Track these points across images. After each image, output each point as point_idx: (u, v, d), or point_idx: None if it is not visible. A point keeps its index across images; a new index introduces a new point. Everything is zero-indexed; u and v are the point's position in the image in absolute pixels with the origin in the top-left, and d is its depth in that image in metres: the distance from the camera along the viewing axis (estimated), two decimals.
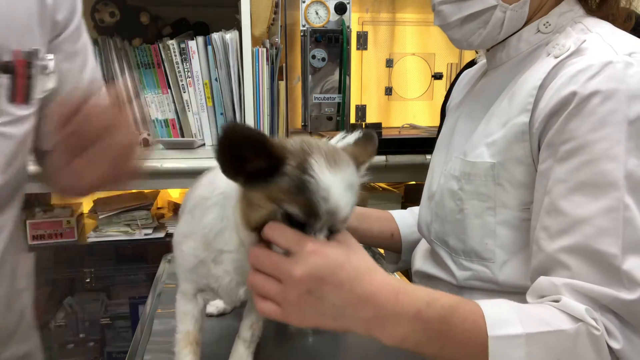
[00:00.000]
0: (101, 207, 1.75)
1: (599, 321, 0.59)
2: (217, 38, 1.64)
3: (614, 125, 0.61)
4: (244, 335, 0.76)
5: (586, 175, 0.62)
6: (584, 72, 0.64)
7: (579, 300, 0.60)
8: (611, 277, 0.60)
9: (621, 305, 0.59)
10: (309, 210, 0.55)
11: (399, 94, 2.04)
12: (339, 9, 1.58)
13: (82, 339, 1.87)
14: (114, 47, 1.67)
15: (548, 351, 0.59)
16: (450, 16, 0.77)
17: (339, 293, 0.56)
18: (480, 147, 0.75)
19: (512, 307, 0.61)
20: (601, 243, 0.60)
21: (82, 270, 1.82)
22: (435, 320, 0.58)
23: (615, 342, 0.58)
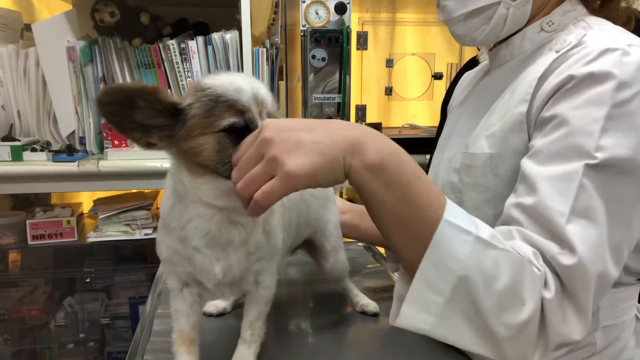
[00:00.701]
0: (101, 207, 1.75)
1: (543, 267, 0.60)
2: (217, 38, 1.64)
3: (598, 105, 0.62)
4: (244, 335, 0.76)
5: (559, 147, 0.64)
6: (582, 58, 0.65)
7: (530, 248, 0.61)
8: (555, 234, 0.61)
9: (558, 267, 0.60)
10: (237, 110, 0.58)
11: (399, 94, 2.04)
12: (339, 9, 1.58)
13: (82, 339, 1.87)
14: (114, 47, 1.67)
15: (489, 264, 0.58)
16: (455, 11, 0.78)
17: (313, 133, 0.56)
18: (480, 140, 0.76)
19: (471, 217, 0.61)
20: (553, 201, 0.61)
21: (82, 270, 1.82)
22: (409, 167, 0.58)
23: (547, 292, 0.59)
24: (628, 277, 0.74)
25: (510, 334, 0.58)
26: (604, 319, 0.74)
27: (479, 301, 0.57)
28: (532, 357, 0.61)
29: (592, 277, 0.59)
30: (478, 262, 0.57)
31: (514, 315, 0.58)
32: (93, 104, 1.67)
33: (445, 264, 0.57)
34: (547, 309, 0.59)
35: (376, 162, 0.57)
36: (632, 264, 0.72)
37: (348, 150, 0.56)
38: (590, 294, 0.60)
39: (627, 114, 0.61)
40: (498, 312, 0.58)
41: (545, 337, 0.60)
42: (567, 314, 0.60)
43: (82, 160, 1.58)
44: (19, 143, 1.59)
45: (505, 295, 0.58)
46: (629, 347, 0.77)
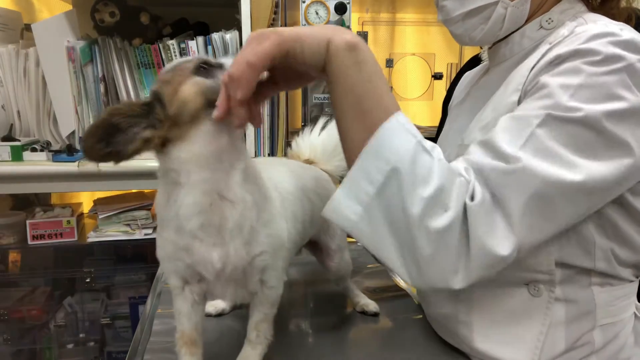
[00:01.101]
0: (101, 207, 1.75)
1: (472, 179, 0.63)
2: (217, 38, 1.64)
3: (574, 73, 0.63)
4: (250, 336, 0.76)
5: (529, 105, 0.65)
6: (572, 42, 0.66)
7: (465, 165, 0.65)
8: (498, 154, 0.63)
9: (492, 171, 0.62)
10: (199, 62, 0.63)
11: (399, 94, 2.04)
12: (339, 9, 1.58)
13: (82, 338, 1.87)
14: (114, 47, 1.67)
15: (426, 169, 0.61)
16: (454, 11, 0.79)
17: (289, 30, 0.62)
18: (474, 132, 0.77)
19: (418, 132, 0.65)
20: (506, 134, 0.64)
21: (82, 270, 1.81)
22: (374, 60, 0.65)
23: (472, 200, 0.61)
24: (624, 271, 0.74)
25: (429, 244, 0.60)
26: (602, 317, 0.74)
27: (405, 200, 0.60)
28: (453, 278, 0.62)
29: (530, 184, 0.60)
30: (413, 161, 0.61)
31: (435, 221, 0.60)
32: (93, 104, 1.67)
33: (383, 154, 0.61)
34: (471, 217, 0.60)
35: (353, 42, 0.63)
36: (622, 255, 0.72)
37: (330, 33, 0.63)
38: (522, 204, 0.61)
39: (604, 84, 0.62)
40: (420, 218, 0.60)
41: (468, 253, 0.61)
42: (494, 225, 0.61)
43: (82, 160, 1.57)
44: (19, 143, 1.59)
45: (430, 201, 0.60)
46: (628, 345, 0.77)
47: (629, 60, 0.62)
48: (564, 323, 0.73)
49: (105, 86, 1.69)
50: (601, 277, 0.73)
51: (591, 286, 0.73)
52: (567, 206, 0.63)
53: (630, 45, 0.63)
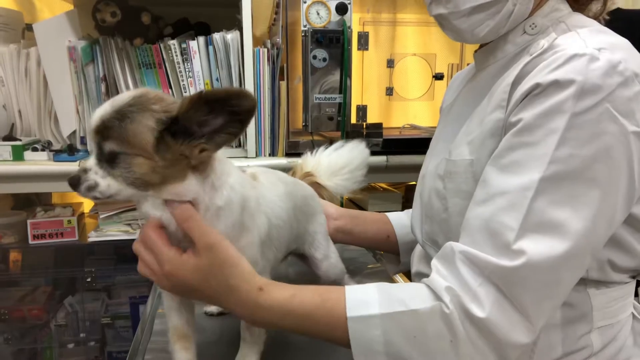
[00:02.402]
0: (102, 207, 1.75)
1: (462, 297, 0.62)
2: (218, 38, 1.64)
3: (558, 114, 0.62)
4: (244, 335, 0.76)
5: (518, 155, 0.64)
6: (550, 64, 0.65)
7: (469, 268, 0.63)
8: (501, 249, 0.62)
9: (501, 273, 0.62)
10: None
11: (400, 94, 2.04)
12: (340, 9, 1.58)
13: (83, 338, 1.87)
14: (115, 47, 1.67)
15: (403, 330, 0.64)
16: (464, 3, 0.74)
17: (207, 301, 0.74)
18: (462, 146, 0.76)
19: (377, 289, 0.68)
20: (504, 215, 0.63)
21: (82, 269, 1.81)
22: (290, 326, 0.69)
23: (480, 310, 0.61)
24: (620, 276, 0.74)
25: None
26: (599, 319, 0.73)
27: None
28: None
29: (538, 277, 0.61)
30: (393, 333, 0.64)
31: (450, 355, 0.63)
32: (94, 104, 1.67)
33: (370, 350, 0.65)
34: (489, 324, 0.61)
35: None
36: (619, 262, 0.72)
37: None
38: (534, 297, 0.62)
39: (588, 123, 0.61)
40: (433, 359, 0.64)
41: (499, 349, 0.62)
42: (511, 319, 0.62)
43: (83, 160, 1.57)
44: (20, 143, 1.59)
45: (431, 345, 0.63)
46: (626, 346, 0.77)
47: (608, 89, 0.61)
48: (560, 326, 0.72)
49: (106, 86, 1.69)
50: (595, 282, 0.73)
51: (587, 289, 0.73)
52: (574, 271, 0.65)
53: (608, 71, 0.62)
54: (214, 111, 0.61)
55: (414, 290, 0.67)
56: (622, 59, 0.63)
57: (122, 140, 0.61)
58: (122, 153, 0.61)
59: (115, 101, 0.62)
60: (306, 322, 0.68)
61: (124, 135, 0.60)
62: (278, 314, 0.68)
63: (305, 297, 0.69)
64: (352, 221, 1.07)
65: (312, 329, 0.69)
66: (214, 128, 0.62)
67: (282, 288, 0.69)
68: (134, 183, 0.62)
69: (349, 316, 0.65)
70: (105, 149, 0.61)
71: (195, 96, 0.60)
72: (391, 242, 1.08)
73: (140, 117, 0.61)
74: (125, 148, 0.61)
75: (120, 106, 0.61)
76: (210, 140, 0.62)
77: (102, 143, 0.62)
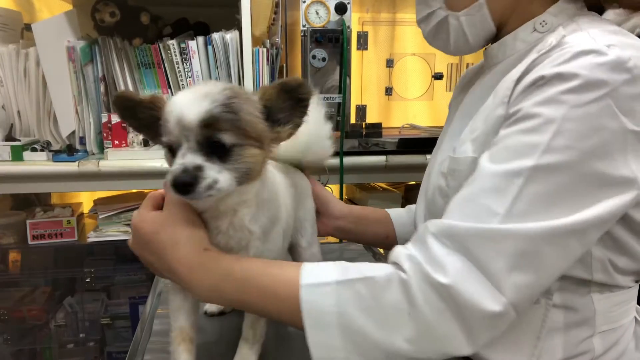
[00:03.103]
0: (101, 207, 1.75)
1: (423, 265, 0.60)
2: (217, 38, 1.64)
3: (557, 104, 0.61)
4: (246, 334, 0.76)
5: (513, 141, 0.63)
6: (556, 59, 0.64)
7: (438, 241, 0.61)
8: (480, 222, 0.60)
9: (472, 236, 0.60)
10: (168, 131, 0.60)
11: (399, 94, 2.04)
12: (340, 9, 1.58)
13: (82, 338, 1.87)
14: (114, 47, 1.67)
15: (357, 299, 0.61)
16: (425, 31, 0.86)
17: (155, 259, 0.70)
18: (466, 144, 0.76)
19: (334, 263, 0.65)
20: (489, 199, 0.61)
21: (82, 270, 1.81)
22: (231, 290, 0.66)
23: (443, 277, 0.59)
24: (624, 279, 0.73)
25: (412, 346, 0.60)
26: (601, 324, 0.73)
27: (370, 334, 0.60)
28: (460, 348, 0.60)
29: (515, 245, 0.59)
30: (348, 303, 0.61)
31: (407, 329, 0.60)
32: (93, 104, 1.67)
33: (323, 322, 0.61)
34: (451, 289, 0.58)
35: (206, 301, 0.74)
36: (622, 264, 0.71)
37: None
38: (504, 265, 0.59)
39: (587, 116, 0.60)
40: (390, 333, 0.60)
41: (463, 319, 0.59)
42: (477, 284, 0.59)
43: (82, 160, 1.58)
44: (19, 143, 1.59)
45: (388, 316, 0.60)
46: (629, 350, 0.77)
47: (613, 85, 0.60)
48: (562, 329, 0.72)
49: (105, 86, 1.69)
50: (600, 286, 0.72)
51: (590, 294, 0.72)
52: (557, 250, 0.61)
53: (616, 66, 0.60)
54: (285, 99, 0.64)
55: (376, 264, 0.65)
56: (632, 56, 0.61)
57: (239, 132, 0.59)
58: (237, 145, 0.60)
59: (209, 94, 0.59)
60: (247, 287, 0.65)
61: (242, 127, 0.60)
62: (218, 274, 0.65)
63: (250, 261, 0.67)
64: (354, 221, 1.07)
65: (255, 297, 0.65)
66: (285, 115, 0.65)
67: (228, 254, 0.68)
68: (244, 176, 0.61)
69: (303, 283, 0.62)
70: (218, 141, 0.59)
71: (278, 86, 0.63)
72: (390, 241, 1.08)
73: (248, 107, 0.61)
74: (242, 139, 0.60)
75: (222, 99, 0.59)
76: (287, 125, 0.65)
77: (214, 136, 0.58)
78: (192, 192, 0.57)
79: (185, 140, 0.59)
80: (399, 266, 0.62)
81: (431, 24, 0.83)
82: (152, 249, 0.69)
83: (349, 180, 1.71)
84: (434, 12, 0.82)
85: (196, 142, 0.59)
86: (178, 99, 0.61)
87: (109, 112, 1.68)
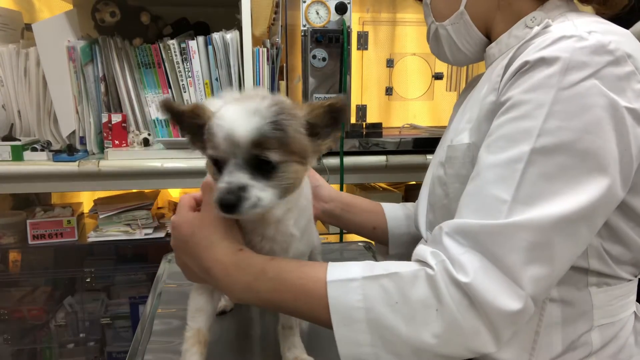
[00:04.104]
0: (101, 207, 1.75)
1: (447, 262, 0.60)
2: (217, 38, 1.64)
3: (545, 88, 0.62)
4: (289, 322, 0.78)
5: (507, 130, 0.64)
6: (538, 45, 0.66)
7: (453, 239, 0.62)
8: (492, 215, 0.61)
9: (486, 233, 0.60)
10: (215, 145, 0.60)
11: (400, 94, 2.04)
12: (340, 8, 1.58)
13: (83, 338, 1.87)
14: (115, 46, 1.67)
15: (384, 295, 0.61)
16: (429, 45, 0.93)
17: (190, 260, 0.71)
18: (463, 133, 0.78)
19: (362, 262, 0.66)
20: (495, 188, 0.62)
21: (82, 270, 1.81)
22: (265, 289, 0.66)
23: (463, 276, 0.59)
24: (620, 270, 0.73)
25: (440, 341, 0.60)
26: (600, 317, 0.73)
27: (398, 330, 0.60)
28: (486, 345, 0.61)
29: (527, 237, 0.59)
30: (375, 298, 0.61)
31: (435, 325, 0.60)
32: (93, 104, 1.67)
33: (350, 318, 0.61)
34: (473, 289, 0.58)
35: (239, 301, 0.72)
36: (617, 253, 0.72)
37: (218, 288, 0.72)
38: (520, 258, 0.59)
39: (575, 96, 0.61)
40: (418, 328, 0.60)
41: (486, 316, 0.59)
42: (498, 282, 0.59)
43: (83, 160, 1.58)
44: (20, 143, 1.59)
45: (415, 312, 0.60)
46: (628, 345, 0.77)
47: (596, 67, 0.61)
48: (560, 324, 0.72)
49: (105, 86, 1.69)
50: (598, 276, 0.72)
51: (588, 287, 0.72)
52: (567, 238, 0.61)
53: (597, 49, 0.62)
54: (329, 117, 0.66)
55: (401, 262, 0.65)
56: (613, 40, 0.63)
57: (286, 149, 0.61)
58: (282, 162, 0.61)
59: (258, 111, 0.60)
60: (280, 286, 0.66)
61: (288, 144, 0.61)
62: (252, 274, 0.66)
63: (282, 261, 0.69)
64: (342, 207, 1.07)
65: (287, 295, 0.65)
66: (326, 130, 0.66)
67: (262, 255, 0.69)
68: (286, 190, 0.63)
69: (329, 280, 0.63)
70: (265, 160, 0.60)
71: (327, 107, 0.65)
72: (377, 233, 1.09)
73: (294, 124, 0.62)
74: (287, 156, 0.61)
75: (271, 115, 0.60)
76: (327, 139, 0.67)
77: (262, 155, 0.60)
78: (236, 211, 0.59)
79: (233, 156, 0.60)
80: (424, 263, 0.63)
81: (430, 37, 0.91)
82: (188, 249, 0.71)
83: (349, 180, 1.71)
84: (429, 26, 0.89)
85: (243, 159, 0.60)
86: (227, 114, 0.61)
87: (109, 112, 1.68)
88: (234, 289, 0.68)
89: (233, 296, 0.70)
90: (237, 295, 0.69)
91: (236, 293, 0.68)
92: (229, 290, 0.69)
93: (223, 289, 0.69)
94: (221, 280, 0.68)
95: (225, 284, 0.68)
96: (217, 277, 0.68)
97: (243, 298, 0.69)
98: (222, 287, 0.69)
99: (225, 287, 0.69)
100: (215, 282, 0.69)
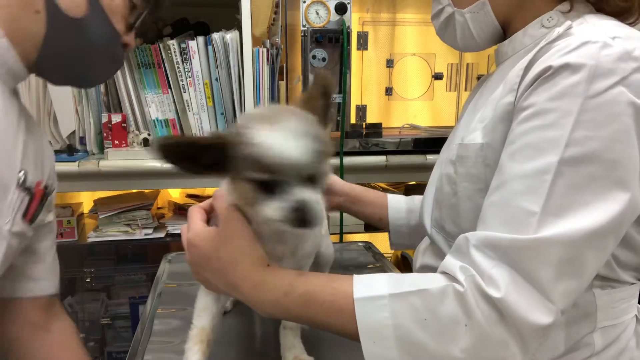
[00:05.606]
0: (101, 207, 1.75)
1: (476, 277, 0.59)
2: (217, 38, 1.64)
3: (571, 97, 0.61)
4: (289, 323, 0.78)
5: (532, 139, 0.63)
6: (563, 49, 0.64)
7: (482, 253, 0.61)
8: (521, 229, 0.60)
9: (516, 248, 0.59)
10: (265, 168, 0.59)
11: (399, 94, 2.04)
12: (340, 9, 1.58)
13: (82, 338, 1.86)
14: None
15: (413, 311, 0.61)
16: (436, 26, 0.91)
17: (216, 278, 0.70)
18: (476, 132, 0.76)
19: (386, 275, 0.65)
20: (523, 200, 0.61)
21: (82, 270, 1.82)
22: (294, 305, 0.65)
23: (495, 291, 0.58)
24: (626, 274, 0.73)
25: (468, 355, 0.59)
26: (602, 319, 0.73)
27: (426, 346, 0.60)
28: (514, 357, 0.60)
29: (558, 253, 0.58)
30: (403, 315, 0.61)
31: (464, 340, 0.59)
32: (93, 104, 1.67)
33: (379, 335, 0.61)
34: (506, 304, 0.58)
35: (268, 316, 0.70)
36: (623, 257, 0.72)
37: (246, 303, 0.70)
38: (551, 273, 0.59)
39: (603, 105, 0.60)
40: (446, 344, 0.59)
41: (517, 330, 0.59)
42: (529, 297, 0.58)
43: (83, 160, 1.58)
44: None
45: (444, 328, 0.59)
46: (629, 347, 0.77)
47: (622, 74, 0.60)
48: (564, 324, 0.72)
49: (105, 86, 1.69)
50: (602, 280, 0.72)
51: (592, 289, 0.72)
52: (597, 252, 0.61)
53: (622, 57, 0.61)
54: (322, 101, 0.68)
55: (427, 275, 0.64)
56: (637, 47, 0.62)
57: (327, 158, 0.63)
58: (325, 172, 0.64)
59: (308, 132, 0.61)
60: (310, 302, 0.65)
61: (328, 153, 0.63)
62: (281, 290, 0.65)
63: (310, 276, 0.68)
64: (352, 201, 1.14)
65: (316, 311, 0.65)
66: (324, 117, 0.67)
67: (289, 269, 0.69)
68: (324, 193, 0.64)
69: (356, 297, 0.62)
70: (320, 173, 0.62)
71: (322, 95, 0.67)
72: (383, 224, 1.15)
73: (320, 130, 0.63)
74: (326, 166, 0.64)
75: (315, 132, 0.61)
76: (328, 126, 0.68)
77: (318, 170, 0.61)
78: (313, 225, 0.61)
79: (290, 176, 0.60)
80: (452, 277, 0.62)
81: (441, 20, 0.88)
82: (210, 266, 0.70)
83: (349, 180, 1.69)
84: (443, 8, 0.86)
85: (300, 177, 0.60)
86: (279, 139, 0.60)
87: (109, 112, 1.68)
88: (263, 306, 0.67)
89: (262, 312, 0.69)
90: (267, 310, 0.68)
91: (265, 309, 0.68)
92: (257, 306, 0.68)
93: (251, 305, 0.68)
94: (249, 297, 0.68)
95: (254, 300, 0.68)
96: (245, 293, 0.68)
97: (273, 313, 0.68)
98: (251, 303, 0.68)
99: (254, 304, 0.68)
100: (243, 298, 0.68)
